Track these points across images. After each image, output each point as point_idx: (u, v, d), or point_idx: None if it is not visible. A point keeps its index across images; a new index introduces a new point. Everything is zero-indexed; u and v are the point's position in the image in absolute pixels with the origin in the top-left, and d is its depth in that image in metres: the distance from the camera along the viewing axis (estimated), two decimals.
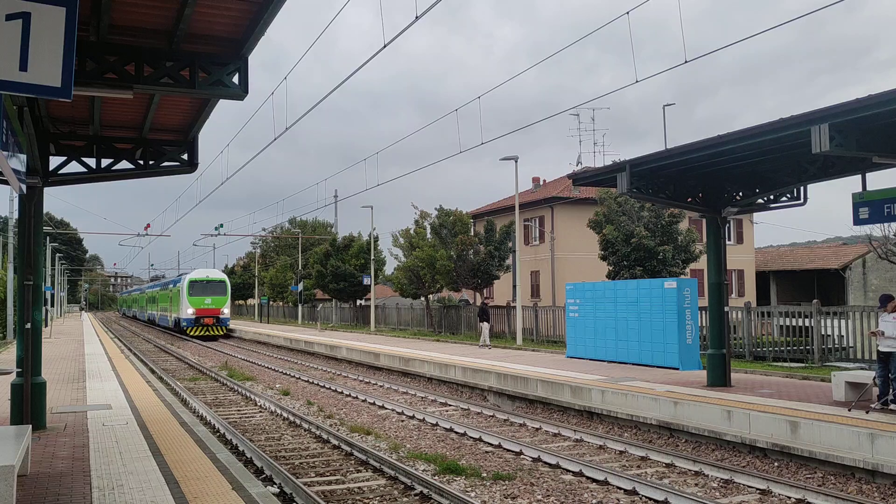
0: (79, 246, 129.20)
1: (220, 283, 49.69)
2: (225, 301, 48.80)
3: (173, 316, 52.25)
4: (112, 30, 8.48)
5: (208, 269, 52.58)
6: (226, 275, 53.88)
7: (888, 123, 10.81)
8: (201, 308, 47.34)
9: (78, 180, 12.53)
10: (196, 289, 48.03)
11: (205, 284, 48.61)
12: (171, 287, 55.62)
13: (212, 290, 48.46)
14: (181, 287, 49.02)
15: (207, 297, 47.73)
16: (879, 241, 34.01)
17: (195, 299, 47.31)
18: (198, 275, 49.61)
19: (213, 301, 47.92)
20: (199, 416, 15.20)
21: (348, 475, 10.56)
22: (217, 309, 48.05)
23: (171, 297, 54.24)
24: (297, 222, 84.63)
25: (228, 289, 50.23)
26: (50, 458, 9.26)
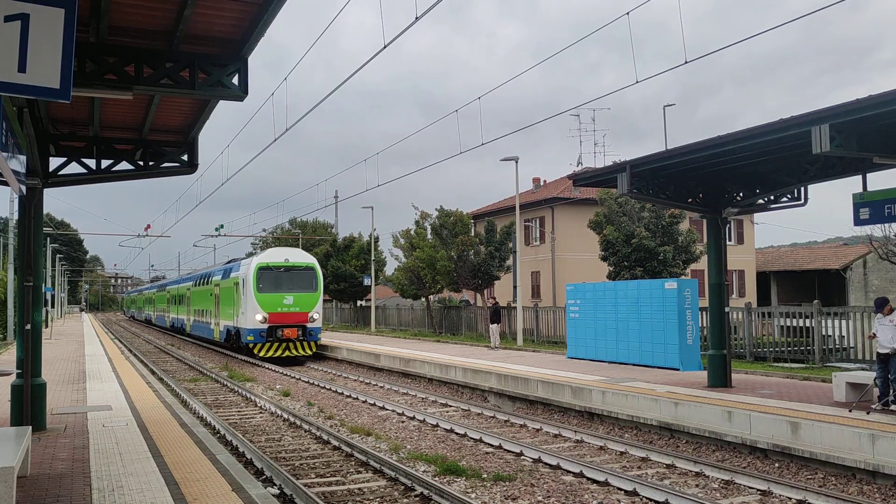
0: (79, 247, 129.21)
1: (306, 272, 30.71)
2: (316, 300, 30.42)
3: (224, 324, 34.04)
4: (112, 31, 8.47)
5: (287, 249, 32.35)
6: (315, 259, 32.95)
7: (889, 124, 10.80)
8: (278, 312, 29.45)
9: (78, 181, 12.53)
10: (268, 280, 29.82)
11: (282, 274, 30.24)
12: (216, 280, 37.02)
13: (294, 281, 30.31)
14: (242, 278, 31.08)
15: (288, 293, 29.82)
16: (880, 242, 33.97)
17: (268, 298, 29.40)
18: (271, 257, 30.81)
19: (296, 301, 29.78)
20: (199, 417, 15.20)
21: (349, 476, 10.55)
22: (303, 313, 29.76)
23: (217, 294, 36.25)
24: (297, 223, 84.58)
25: (320, 280, 31.24)
26: (50, 460, 9.25)
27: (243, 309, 30.15)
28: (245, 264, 31.66)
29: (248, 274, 30.02)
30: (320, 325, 30.67)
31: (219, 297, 35.71)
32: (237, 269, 32.66)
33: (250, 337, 29.10)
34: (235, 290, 31.82)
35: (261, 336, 28.95)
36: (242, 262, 32.85)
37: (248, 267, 30.53)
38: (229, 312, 32.99)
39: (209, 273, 40.64)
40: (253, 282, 29.38)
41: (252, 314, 29.23)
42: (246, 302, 29.81)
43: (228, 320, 33.05)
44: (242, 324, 30.19)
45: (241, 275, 31.20)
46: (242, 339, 30.05)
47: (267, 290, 29.39)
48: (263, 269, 29.75)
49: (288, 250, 31.75)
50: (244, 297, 30.12)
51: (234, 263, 35.00)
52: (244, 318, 29.93)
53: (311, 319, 29.82)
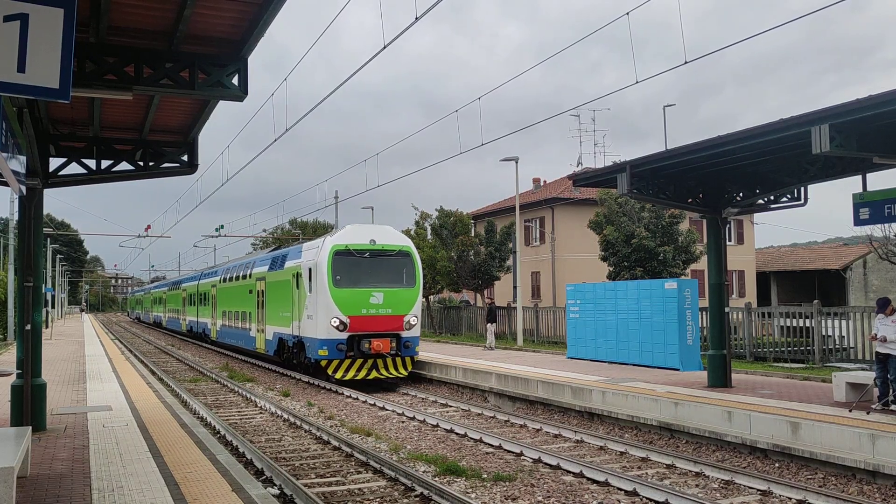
0: (79, 247, 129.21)
1: (400, 258, 22.03)
2: (414, 298, 21.82)
3: (274, 331, 25.46)
4: (111, 31, 8.47)
5: (371, 227, 22.89)
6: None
7: (889, 124, 10.80)
8: (362, 315, 20.86)
9: (78, 182, 12.54)
10: (348, 269, 21.16)
11: (367, 261, 21.47)
12: (259, 272, 28.06)
13: (385, 272, 21.65)
14: (308, 267, 22.06)
15: (376, 288, 21.20)
16: (880, 242, 33.97)
17: (348, 295, 20.82)
18: (351, 237, 21.58)
19: (388, 299, 21.25)
20: (199, 417, 15.20)
21: (349, 476, 10.55)
22: (397, 317, 21.28)
23: (261, 291, 27.29)
24: (297, 223, 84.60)
25: (419, 269, 22.41)
26: (50, 460, 9.25)
27: (310, 311, 21.25)
28: (310, 249, 22.56)
29: (317, 261, 20.99)
30: (418, 332, 21.75)
31: (264, 294, 26.75)
32: (296, 256, 23.60)
33: (323, 351, 20.23)
34: (294, 286, 22.97)
35: (338, 350, 20.15)
36: (304, 246, 23.79)
37: (316, 252, 21.45)
38: (283, 316, 24.19)
39: (246, 264, 31.20)
40: (327, 272, 20.48)
41: (324, 318, 20.29)
42: (315, 301, 20.92)
43: (281, 326, 24.45)
44: (308, 331, 21.51)
45: (305, 263, 22.08)
46: (309, 354, 21.46)
47: (346, 284, 20.55)
48: (341, 254, 20.78)
49: (373, 228, 22.09)
50: (312, 294, 21.23)
51: (289, 249, 25.74)
52: (311, 323, 21.18)
53: (407, 326, 21.04)
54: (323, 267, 20.76)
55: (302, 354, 22.71)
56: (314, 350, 20.99)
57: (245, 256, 37.43)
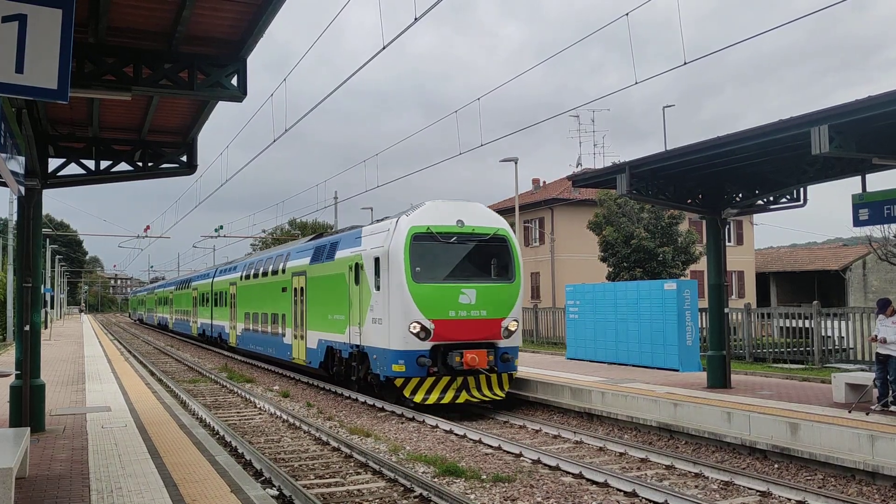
0: (78, 247, 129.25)
1: (495, 244, 17.07)
2: (514, 296, 16.81)
3: (321, 339, 20.46)
4: (110, 31, 8.47)
5: (456, 204, 17.27)
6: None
7: (888, 125, 10.79)
8: (449, 319, 15.98)
9: (77, 182, 12.54)
10: (431, 258, 16.31)
11: (455, 248, 16.61)
12: (298, 266, 23.00)
13: (476, 262, 16.92)
14: (373, 257, 16.99)
15: (466, 283, 16.32)
16: (879, 243, 34.01)
17: (432, 293, 15.97)
18: (433, 217, 16.51)
19: (482, 298, 16.31)
20: (198, 418, 15.18)
21: (348, 477, 10.54)
22: (494, 321, 16.35)
23: (300, 289, 22.53)
24: (297, 224, 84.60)
25: (518, 259, 17.32)
26: (48, 461, 9.24)
27: (377, 313, 16.45)
28: (376, 233, 17.20)
29: (389, 249, 16.03)
30: (519, 341, 16.91)
31: (303, 292, 21.90)
32: (352, 244, 18.52)
33: (399, 366, 15.51)
34: (351, 281, 18.00)
35: (418, 364, 15.39)
36: (365, 230, 18.30)
37: (386, 237, 16.41)
38: (333, 319, 19.23)
39: (278, 256, 25.97)
40: (404, 262, 15.68)
41: (400, 323, 15.64)
42: (385, 301, 16.12)
43: (330, 332, 19.51)
44: (374, 340, 16.58)
45: (370, 252, 17.02)
46: (377, 369, 16.48)
47: (429, 279, 15.85)
48: (422, 239, 15.93)
49: (459, 206, 16.99)
50: (381, 291, 16.31)
51: (339, 235, 20.44)
52: (379, 330, 16.31)
53: (505, 333, 16.25)
54: (398, 256, 15.74)
55: (362, 368, 17.64)
56: (385, 364, 15.89)
57: (274, 248, 31.41)
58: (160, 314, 62.66)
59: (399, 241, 15.94)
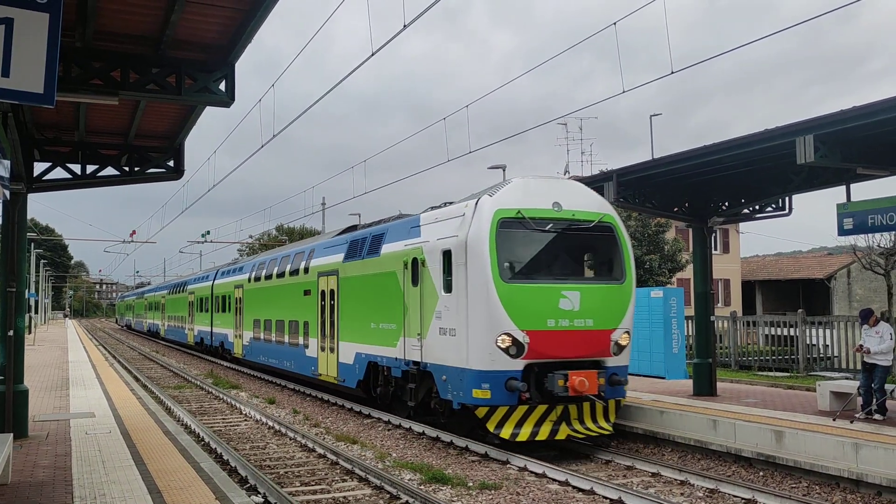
0: (63, 252, 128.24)
1: (601, 233, 13.22)
2: (627, 299, 13.16)
3: (356, 351, 16.89)
4: (98, 36, 8.45)
5: (550, 181, 13.52)
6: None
7: (872, 135, 10.91)
8: (547, 329, 12.22)
9: (63, 186, 12.48)
10: (524, 251, 12.69)
11: (552, 238, 12.84)
12: (326, 264, 19.29)
13: (577, 256, 13.53)
14: (444, 249, 13.07)
15: (566, 283, 12.61)
16: (864, 252, 34.27)
17: (525, 295, 12.25)
18: (523, 198, 12.71)
19: (587, 302, 12.56)
20: (183, 424, 15.09)
21: (334, 484, 10.50)
22: (602, 332, 12.63)
23: (329, 292, 18.87)
24: (284, 229, 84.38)
25: (628, 252, 13.47)
26: (31, 467, 9.16)
27: (448, 321, 12.92)
28: (445, 220, 13.56)
29: (468, 238, 12.48)
30: (628, 359, 13.41)
31: (335, 295, 18.30)
32: (405, 234, 14.95)
33: (482, 391, 12.03)
34: (406, 281, 14.46)
35: (507, 389, 11.99)
36: (425, 217, 14.54)
37: (460, 223, 12.84)
38: (378, 329, 15.69)
39: (297, 254, 22.21)
40: (489, 255, 12.20)
41: (483, 334, 12.18)
42: (461, 305, 12.56)
43: (373, 343, 15.97)
44: (444, 356, 13.04)
45: (435, 244, 13.45)
46: (449, 394, 12.89)
47: (522, 278, 12.48)
48: (511, 226, 12.51)
49: (554, 184, 13.50)
50: (453, 293, 12.80)
51: (386, 225, 16.45)
52: (451, 343, 12.76)
53: (615, 348, 12.82)
54: (480, 247, 12.17)
55: (421, 391, 14.24)
56: (461, 388, 12.38)
57: (291, 245, 27.66)
58: (151, 320, 58.85)
59: (482, 229, 12.27)
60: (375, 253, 16.12)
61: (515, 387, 11.92)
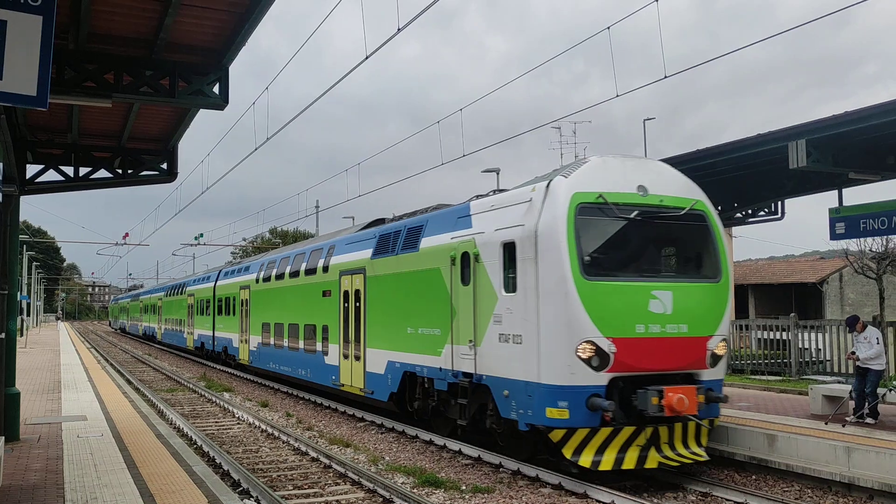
0: (56, 254, 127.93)
1: (692, 223, 11.29)
2: (723, 301, 11.21)
3: (388, 359, 14.95)
4: (91, 38, 8.44)
5: (632, 161, 11.40)
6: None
7: (864, 140, 10.97)
8: (637, 337, 10.34)
9: (55, 189, 12.45)
10: (604, 243, 10.77)
11: (636, 228, 10.89)
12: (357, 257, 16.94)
13: (667, 250, 11.68)
14: (505, 241, 11.22)
15: (657, 281, 10.78)
16: (856, 256, 34.42)
17: (610, 294, 10.35)
18: (604, 180, 10.81)
19: (679, 303, 10.68)
20: (175, 427, 15.05)
21: (326, 488, 10.48)
22: (698, 339, 10.77)
23: (354, 293, 16.91)
24: (278, 232, 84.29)
25: (723, 246, 11.44)
26: (23, 471, 9.12)
27: (512, 327, 11.09)
28: (503, 205, 11.84)
29: (537, 227, 10.68)
30: (724, 371, 11.84)
31: (360, 296, 16.46)
32: (452, 225, 13.13)
33: (557, 411, 10.19)
34: (451, 278, 12.75)
35: (589, 408, 10.14)
36: (476, 205, 12.81)
37: (527, 209, 11.05)
38: (421, 335, 13.74)
39: (314, 251, 20.27)
40: (567, 247, 10.33)
41: (560, 342, 10.33)
42: (530, 308, 10.71)
43: (414, 352, 13.97)
44: (506, 367, 11.21)
45: (494, 234, 11.72)
46: (514, 412, 11.03)
47: (605, 274, 10.59)
48: (591, 213, 10.72)
49: (636, 164, 11.53)
50: (518, 293, 11.00)
51: (426, 216, 14.48)
52: (518, 352, 10.88)
53: (711, 359, 11.09)
54: (556, 237, 10.30)
55: (472, 407, 12.22)
56: (530, 406, 10.51)
57: (306, 242, 24.98)
58: (146, 323, 56.33)
59: (557, 216, 10.38)
60: (412, 248, 14.31)
61: (599, 405, 9.99)
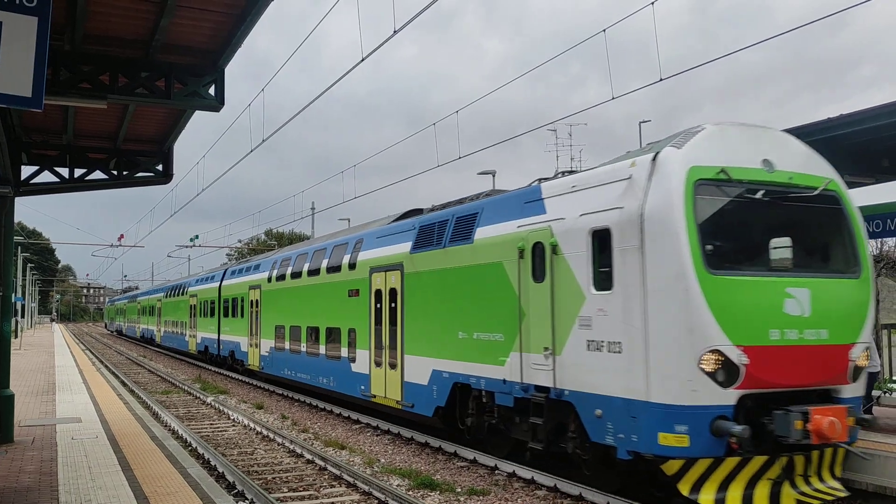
0: (51, 256, 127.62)
1: (825, 206, 9.29)
2: (865, 301, 9.16)
3: (433, 367, 13.17)
4: (87, 39, 8.43)
5: (753, 130, 9.28)
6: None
7: (858, 143, 11.00)
8: (771, 344, 8.34)
9: (50, 190, 12.44)
10: (730, 228, 8.94)
11: (763, 210, 8.96)
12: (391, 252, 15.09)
13: (800, 238, 9.30)
14: (596, 228, 9.30)
15: (789, 273, 8.84)
16: None
17: (738, 291, 8.37)
18: (723, 152, 8.79)
19: (817, 303, 8.68)
20: (170, 429, 15.02)
21: (322, 490, 10.47)
22: (839, 349, 8.78)
23: (388, 292, 15.02)
24: (273, 234, 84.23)
25: (861, 234, 9.45)
26: (17, 473, 9.10)
27: (606, 332, 9.17)
28: (587, 185, 9.86)
29: (644, 209, 8.67)
30: (864, 387, 9.72)
31: (395, 296, 14.77)
32: (521, 211, 11.26)
33: (675, 437, 8.22)
34: (519, 274, 10.94)
35: (714, 433, 8.13)
36: (550, 186, 10.81)
37: (625, 188, 9.06)
38: (477, 341, 12.02)
39: (337, 246, 18.51)
40: (686, 232, 8.34)
41: (677, 350, 8.32)
42: (635, 308, 8.72)
43: (468, 360, 12.26)
44: (600, 381, 9.25)
45: (578, 220, 9.77)
46: (612, 437, 9.05)
47: (732, 268, 8.62)
48: (711, 192, 8.73)
49: (763, 135, 9.40)
50: (620, 291, 8.98)
51: (485, 202, 12.62)
52: (616, 362, 8.98)
53: (853, 372, 8.97)
54: (670, 221, 8.47)
55: (547, 426, 10.27)
56: (638, 431, 8.65)
57: (328, 236, 22.58)
58: (144, 325, 54.07)
59: (671, 194, 8.49)
60: (465, 239, 12.47)
61: (728, 430, 8.04)
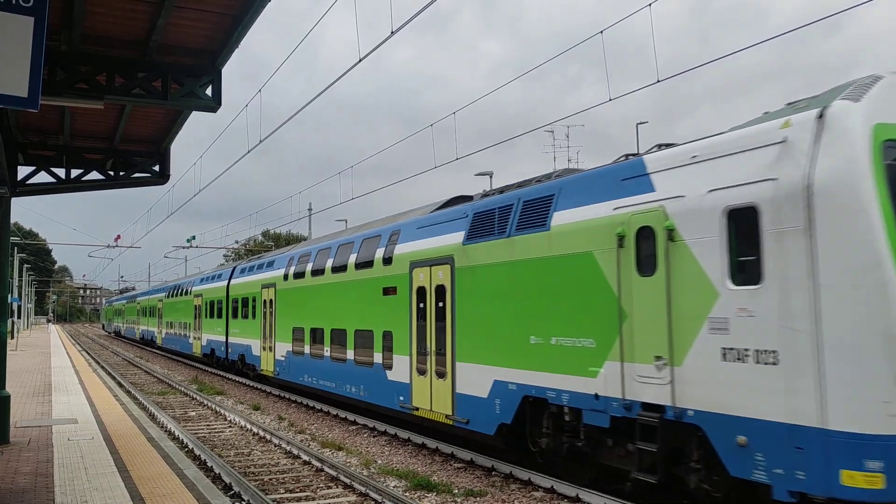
0: (47, 257, 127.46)
1: None
2: None
3: (505, 382, 11.01)
4: (84, 39, 8.42)
5: None
6: None
7: None
8: None
9: (47, 191, 12.41)
10: None
11: None
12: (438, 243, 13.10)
13: None
14: (757, 202, 7.26)
15: None
16: None
17: None
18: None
19: None
20: (167, 431, 14.99)
21: (318, 491, 10.46)
22: None
23: (434, 290, 13.07)
24: (270, 235, 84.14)
25: None
26: (12, 474, 9.08)
27: (750, 339, 7.43)
28: (717, 154, 7.99)
29: (804, 179, 6.94)
30: None
31: (442, 295, 12.96)
32: (614, 190, 9.41)
33: (865, 476, 6.46)
34: (615, 266, 9.17)
35: None
36: (655, 158, 8.92)
37: (778, 152, 7.25)
38: (555, 347, 10.18)
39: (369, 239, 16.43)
40: (876, 208, 6.67)
41: (865, 361, 6.52)
42: (810, 307, 6.84)
43: (542, 369, 10.39)
44: (738, 399, 7.52)
45: (704, 197, 7.98)
46: (768, 472, 7.16)
47: None
48: None
49: None
50: (774, 286, 7.20)
51: (563, 182, 10.54)
52: (767, 376, 7.21)
53: None
54: (854, 195, 6.78)
55: (656, 453, 8.51)
56: (811, 468, 6.84)
57: (357, 228, 19.52)
58: (144, 327, 51.97)
59: (853, 159, 6.90)
60: (539, 226, 10.63)
61: None
